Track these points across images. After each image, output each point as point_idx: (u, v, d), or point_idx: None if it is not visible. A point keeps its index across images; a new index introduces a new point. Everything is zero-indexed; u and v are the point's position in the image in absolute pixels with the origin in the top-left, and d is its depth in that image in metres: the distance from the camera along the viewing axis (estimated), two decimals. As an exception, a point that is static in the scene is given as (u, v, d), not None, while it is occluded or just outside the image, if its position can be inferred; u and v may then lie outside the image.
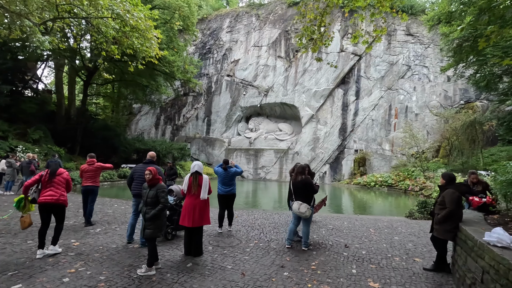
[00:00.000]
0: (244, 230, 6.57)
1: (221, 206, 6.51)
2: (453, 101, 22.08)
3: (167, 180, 9.64)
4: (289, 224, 5.56)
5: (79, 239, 5.42)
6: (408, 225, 7.53)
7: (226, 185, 6.49)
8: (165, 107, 30.04)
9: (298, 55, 25.41)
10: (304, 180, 5.33)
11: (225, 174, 6.51)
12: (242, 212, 8.70)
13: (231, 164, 6.71)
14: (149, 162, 5.38)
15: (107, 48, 11.58)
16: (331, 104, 24.36)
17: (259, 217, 8.07)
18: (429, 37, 22.83)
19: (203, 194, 4.77)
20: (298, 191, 5.35)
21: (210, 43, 29.02)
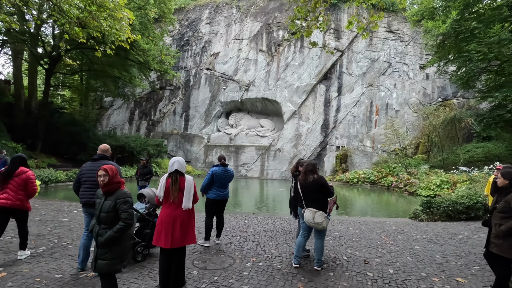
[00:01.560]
0: (236, 242, 5.22)
1: (211, 213, 5.11)
2: (431, 99, 22.01)
3: (140, 180, 8.03)
4: (298, 237, 4.29)
5: (9, 266, 3.78)
6: (419, 229, 6.55)
7: (223, 188, 5.19)
8: (140, 101, 27.69)
9: (280, 49, 24.25)
10: (318, 180, 4.08)
11: (225, 174, 5.16)
12: (229, 217, 7.32)
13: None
14: (101, 158, 3.88)
15: (71, 31, 9.59)
16: (314, 100, 23.48)
17: (251, 223, 6.74)
18: (409, 34, 22.59)
19: (187, 202, 3.36)
20: (310, 195, 4.09)
21: (189, 34, 27.06)
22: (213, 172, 5.07)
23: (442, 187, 14.39)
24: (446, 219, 7.48)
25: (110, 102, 28.18)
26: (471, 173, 14.00)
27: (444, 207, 7.52)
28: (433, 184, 14.71)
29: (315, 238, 4.11)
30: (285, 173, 23.28)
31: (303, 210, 4.11)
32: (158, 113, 27.22)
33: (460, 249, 5.06)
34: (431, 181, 15.06)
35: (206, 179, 5.07)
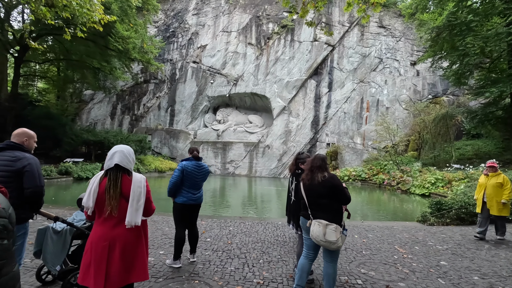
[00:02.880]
0: (217, 259, 3.96)
1: (182, 223, 3.83)
2: (422, 96, 21.37)
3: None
4: (301, 258, 3.07)
5: None
6: (434, 236, 5.49)
7: (196, 189, 3.88)
8: (123, 95, 25.85)
9: (270, 42, 23.02)
10: (330, 181, 2.88)
11: (198, 171, 3.88)
12: (211, 222, 6.05)
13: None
14: (9, 147, 2.53)
15: (37, 11, 7.97)
16: (304, 95, 22.41)
17: (236, 230, 5.49)
18: (401, 30, 21.84)
19: (133, 216, 2.07)
20: (318, 201, 2.88)
21: (174, 25, 25.38)
22: (182, 167, 3.79)
23: (437, 185, 13.61)
24: (458, 222, 6.49)
25: (90, 96, 26.19)
26: (467, 170, 13.28)
27: (456, 209, 6.53)
28: (427, 182, 13.90)
29: (324, 261, 2.91)
30: (274, 170, 22.14)
31: (308, 222, 2.91)
32: (142, 108, 25.48)
33: (497, 265, 4.00)
34: (425, 179, 14.26)
35: (173, 178, 3.78)
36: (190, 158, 3.88)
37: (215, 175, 22.39)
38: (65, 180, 15.73)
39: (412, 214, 9.07)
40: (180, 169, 3.76)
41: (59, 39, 19.92)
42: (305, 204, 2.98)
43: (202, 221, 6.08)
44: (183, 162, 3.84)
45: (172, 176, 3.79)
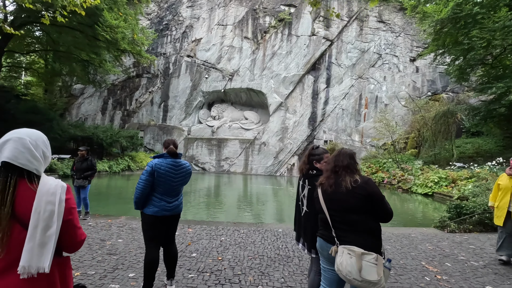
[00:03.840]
0: (203, 285, 2.99)
1: (155, 241, 2.85)
2: (421, 92, 20.60)
3: (77, 178, 5.60)
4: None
5: None
6: (462, 247, 4.61)
7: (172, 196, 2.90)
8: (114, 90, 24.58)
9: (267, 36, 21.98)
10: (365, 187, 1.93)
11: (175, 173, 2.89)
12: (200, 230, 5.08)
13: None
14: None
15: None
16: (301, 91, 21.47)
17: (229, 241, 4.53)
18: (401, 25, 21.00)
19: (34, 257, 1.08)
20: (346, 217, 1.93)
21: (168, 18, 24.15)
22: (153, 168, 2.79)
23: (441, 184, 12.83)
24: (481, 229, 5.63)
25: (80, 90, 24.86)
26: (472, 169, 12.52)
27: (479, 214, 5.67)
28: (430, 181, 13.11)
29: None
30: (270, 168, 21.22)
31: (332, 248, 1.96)
32: (134, 103, 24.26)
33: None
34: (428, 177, 13.48)
35: (140, 183, 2.78)
36: (165, 155, 2.90)
37: (209, 173, 21.39)
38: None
39: (422, 216, 8.23)
40: (149, 170, 2.76)
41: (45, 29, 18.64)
42: (326, 220, 2.03)
43: (189, 229, 5.11)
44: (154, 161, 2.84)
45: (139, 181, 2.77)
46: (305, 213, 2.51)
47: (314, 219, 2.37)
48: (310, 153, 2.57)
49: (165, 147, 2.98)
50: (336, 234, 1.96)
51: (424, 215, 8.60)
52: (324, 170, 2.21)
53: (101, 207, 8.00)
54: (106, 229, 4.99)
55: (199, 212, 7.93)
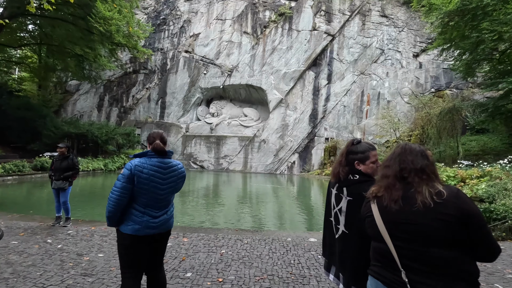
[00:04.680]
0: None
1: (136, 269, 2.06)
2: (424, 89, 19.90)
3: (55, 179, 4.81)
4: None
5: None
6: (504, 262, 3.88)
7: (159, 208, 2.13)
8: (110, 86, 23.69)
9: (267, 31, 21.14)
10: (457, 204, 1.15)
11: (163, 177, 2.13)
12: (197, 239, 4.32)
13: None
14: None
15: None
16: (302, 87, 20.70)
17: (231, 254, 3.77)
18: (404, 20, 20.24)
19: None
20: (424, 251, 1.14)
21: (165, 12, 23.22)
22: (133, 170, 2.02)
23: (449, 184, 12.12)
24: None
25: (76, 86, 23.94)
26: (483, 167, 11.84)
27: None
28: (438, 180, 12.40)
29: None
30: (270, 166, 20.49)
31: None
32: (131, 99, 23.39)
33: None
34: (435, 176, 12.76)
35: (115, 192, 2.01)
36: (149, 153, 2.12)
37: (208, 171, 20.62)
38: (41, 176, 13.75)
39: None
40: (127, 174, 1.99)
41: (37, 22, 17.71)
42: (388, 254, 1.28)
43: (184, 238, 4.35)
44: (134, 161, 2.06)
45: (113, 189, 2.00)
46: (343, 235, 1.75)
47: (356, 245, 1.63)
48: (349, 150, 1.81)
49: (149, 142, 2.18)
50: (408, 278, 1.21)
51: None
52: (381, 175, 1.45)
53: (89, 209, 7.22)
54: (86, 239, 4.22)
55: (196, 215, 7.18)
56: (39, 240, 4.09)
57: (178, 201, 8.65)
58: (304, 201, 10.32)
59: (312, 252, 3.94)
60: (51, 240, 4.10)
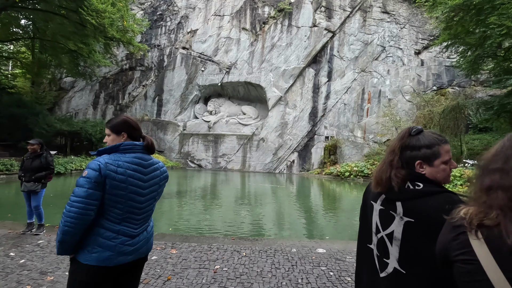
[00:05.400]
0: None
1: None
2: (426, 87, 19.33)
3: (25, 181, 4.14)
4: None
5: None
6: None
7: (139, 222, 1.50)
8: (106, 83, 22.93)
9: (266, 27, 20.46)
10: None
11: (146, 178, 1.52)
12: (186, 251, 3.67)
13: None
14: None
15: None
16: (301, 85, 20.06)
17: (227, 272, 3.12)
18: (405, 16, 19.64)
19: None
20: None
21: (162, 8, 22.47)
22: (103, 171, 1.39)
23: (455, 183, 11.58)
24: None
25: (71, 83, 23.17)
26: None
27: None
28: (443, 180, 11.83)
29: None
30: (268, 165, 19.86)
31: None
32: (127, 97, 22.65)
33: None
34: (440, 176, 12.19)
35: (76, 200, 1.35)
36: (122, 146, 1.51)
37: (205, 170, 19.96)
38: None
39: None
40: (94, 177, 1.39)
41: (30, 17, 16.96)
42: None
43: (172, 250, 3.70)
44: (101, 158, 1.45)
45: (71, 199, 1.38)
46: (394, 276, 1.10)
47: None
48: (405, 143, 1.15)
49: (124, 131, 1.58)
50: None
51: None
52: (486, 187, 0.81)
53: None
54: (58, 251, 3.57)
55: (189, 219, 6.53)
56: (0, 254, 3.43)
57: (171, 203, 8.01)
58: (305, 202, 9.71)
59: (322, 267, 3.30)
60: (14, 253, 3.44)
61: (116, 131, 1.56)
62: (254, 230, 5.74)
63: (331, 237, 5.50)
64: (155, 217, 6.33)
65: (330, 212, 8.16)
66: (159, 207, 7.35)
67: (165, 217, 6.57)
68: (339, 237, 5.58)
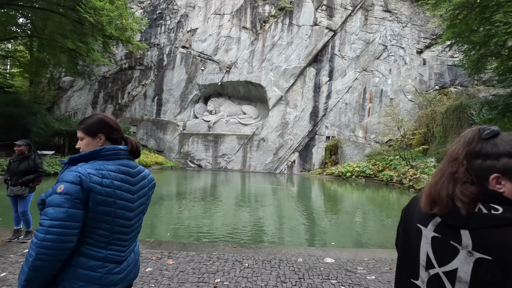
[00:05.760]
0: None
1: None
2: (428, 86, 19.03)
3: (11, 184, 3.84)
4: None
5: None
6: None
7: (127, 243, 1.21)
8: (105, 82, 22.61)
9: (266, 26, 20.15)
10: None
11: (135, 188, 1.25)
12: (184, 261, 3.37)
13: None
14: None
15: None
16: (302, 84, 19.76)
17: (228, 285, 2.83)
18: (407, 15, 19.33)
19: None
20: None
21: (162, 7, 22.14)
22: (85, 184, 1.09)
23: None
24: None
25: (70, 83, 22.85)
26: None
27: None
28: (448, 181, 11.53)
29: None
30: (269, 165, 19.56)
31: None
32: (127, 96, 22.34)
33: None
34: (444, 176, 11.90)
35: (52, 223, 1.04)
36: (105, 151, 1.23)
37: (205, 170, 19.67)
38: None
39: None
40: (74, 192, 1.07)
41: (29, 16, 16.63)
42: None
43: (169, 260, 3.40)
44: (82, 167, 1.14)
45: (43, 223, 1.06)
46: None
47: None
48: (474, 149, 0.85)
49: (101, 133, 1.29)
50: None
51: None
52: None
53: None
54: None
55: (187, 222, 6.24)
56: (-20, 265, 3.13)
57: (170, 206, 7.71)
58: (308, 204, 9.41)
59: (332, 280, 3.01)
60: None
61: (91, 133, 1.27)
62: (256, 235, 5.44)
63: (336, 241, 5.22)
64: (152, 221, 6.03)
65: (333, 214, 7.88)
66: (157, 210, 7.06)
67: (163, 221, 6.27)
68: (344, 241, 5.29)
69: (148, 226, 5.63)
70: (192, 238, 5.00)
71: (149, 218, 6.14)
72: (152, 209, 7.10)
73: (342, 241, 5.34)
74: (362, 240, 5.45)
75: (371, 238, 5.56)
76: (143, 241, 4.02)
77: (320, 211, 8.28)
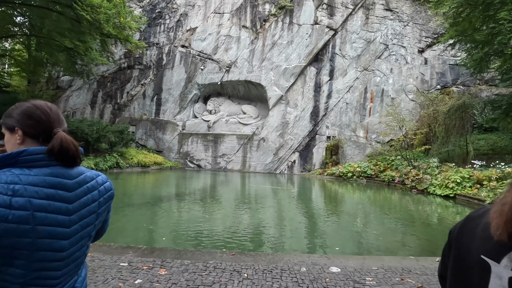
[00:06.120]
0: None
1: None
2: (430, 86, 18.73)
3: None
4: None
5: None
6: None
7: (58, 281, 0.85)
8: (104, 82, 22.31)
9: (267, 25, 19.85)
10: None
11: (72, 202, 0.90)
12: (178, 270, 3.08)
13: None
14: None
15: None
16: (303, 84, 19.46)
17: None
18: (409, 14, 19.04)
19: None
20: None
21: (161, 5, 21.83)
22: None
23: (464, 185, 11.02)
24: None
25: (68, 82, 22.55)
26: (503, 168, 10.71)
27: None
28: (451, 182, 11.27)
29: None
30: (269, 165, 19.28)
31: None
32: (125, 96, 22.04)
33: None
34: (448, 177, 11.63)
35: None
36: (24, 156, 0.87)
37: (205, 170, 19.38)
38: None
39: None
40: None
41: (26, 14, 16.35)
42: None
43: (161, 270, 3.11)
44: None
45: None
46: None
47: None
48: None
49: (18, 126, 0.95)
50: None
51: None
52: None
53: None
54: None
55: (184, 226, 5.95)
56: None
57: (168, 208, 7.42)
58: (309, 205, 9.12)
59: (339, 294, 2.72)
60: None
61: (9, 127, 0.94)
62: (256, 239, 5.16)
63: (340, 246, 4.93)
64: (146, 224, 5.74)
65: (335, 216, 7.59)
66: (153, 213, 6.76)
67: (159, 224, 5.98)
68: (349, 245, 5.01)
69: (143, 230, 5.35)
70: (188, 243, 4.71)
71: (144, 222, 5.86)
72: (149, 211, 6.82)
73: (347, 245, 5.06)
74: (367, 245, 5.16)
75: (376, 242, 5.28)
76: (134, 248, 3.73)
77: (322, 213, 7.99)
